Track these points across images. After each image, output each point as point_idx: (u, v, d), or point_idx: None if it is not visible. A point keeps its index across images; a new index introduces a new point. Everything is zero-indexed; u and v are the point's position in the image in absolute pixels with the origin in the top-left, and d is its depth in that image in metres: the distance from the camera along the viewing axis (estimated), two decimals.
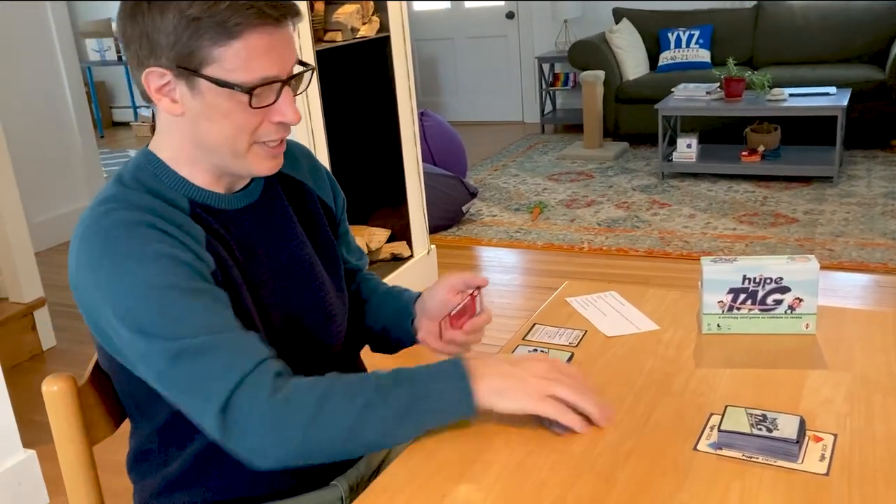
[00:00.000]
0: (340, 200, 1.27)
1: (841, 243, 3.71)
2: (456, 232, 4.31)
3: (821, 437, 0.99)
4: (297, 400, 0.92)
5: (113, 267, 0.94)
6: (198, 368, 0.91)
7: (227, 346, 0.92)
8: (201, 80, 0.95)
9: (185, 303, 0.93)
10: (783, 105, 4.60)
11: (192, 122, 1.00)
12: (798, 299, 1.24)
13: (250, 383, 0.92)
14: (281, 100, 0.99)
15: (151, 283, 0.93)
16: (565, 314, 1.40)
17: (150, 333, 0.92)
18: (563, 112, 6.79)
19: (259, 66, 0.95)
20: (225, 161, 1.03)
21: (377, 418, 0.94)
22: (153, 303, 0.92)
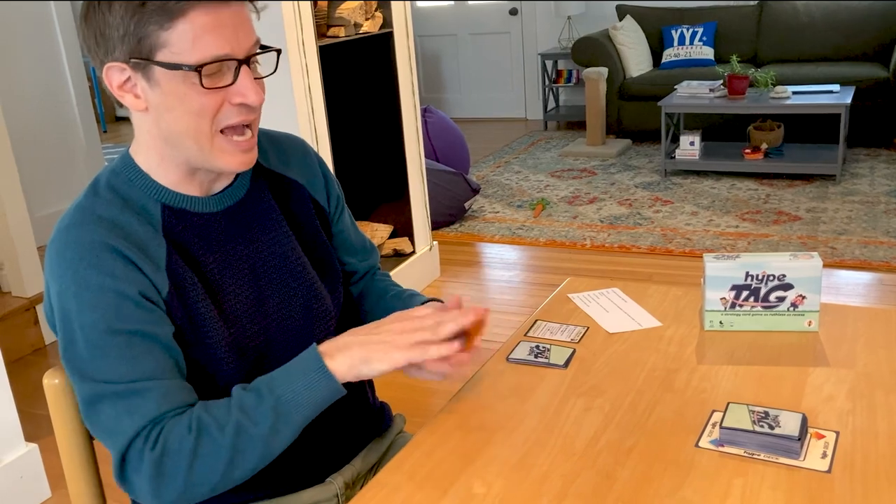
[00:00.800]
0: (334, 195, 1.24)
1: (844, 241, 3.70)
2: (458, 228, 4.30)
3: (823, 434, 0.99)
4: (172, 451, 0.93)
5: (60, 291, 0.97)
6: (105, 417, 0.95)
7: (132, 398, 0.94)
8: (155, 67, 0.95)
9: (114, 348, 0.95)
10: (786, 103, 4.59)
11: (156, 116, 0.99)
12: (801, 296, 1.24)
13: (143, 437, 0.94)
14: (239, 80, 0.97)
15: (86, 322, 0.95)
16: (567, 310, 1.40)
17: (77, 368, 0.96)
18: (566, 109, 6.78)
19: (206, 45, 0.94)
20: (192, 155, 1.01)
21: (252, 440, 0.94)
22: (84, 341, 0.95)
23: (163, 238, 1.01)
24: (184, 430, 0.94)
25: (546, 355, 1.23)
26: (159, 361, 0.97)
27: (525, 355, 1.24)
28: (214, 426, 0.94)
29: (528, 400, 1.11)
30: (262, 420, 0.94)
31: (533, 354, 1.24)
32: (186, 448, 0.93)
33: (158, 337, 0.97)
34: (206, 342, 1.02)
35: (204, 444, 0.93)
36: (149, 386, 0.95)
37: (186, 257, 1.03)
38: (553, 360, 1.22)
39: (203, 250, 1.05)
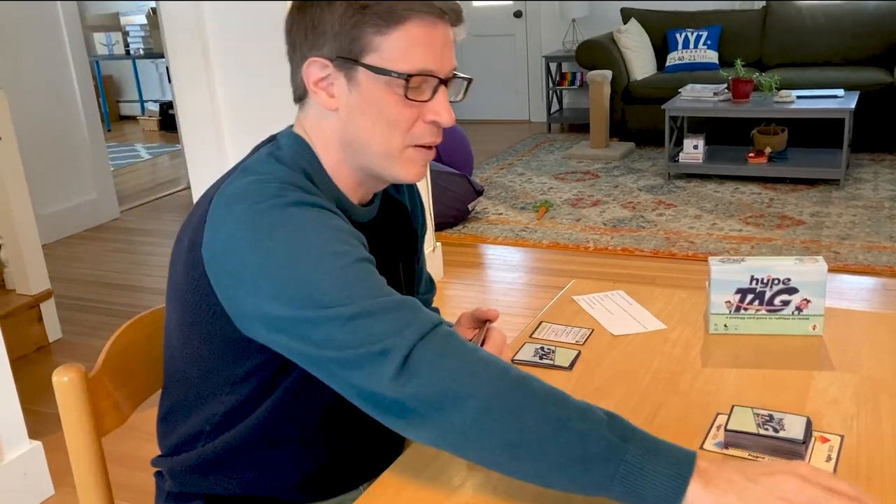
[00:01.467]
0: (424, 229, 1.27)
1: (847, 246, 3.71)
2: (461, 230, 4.31)
3: (827, 437, 0.99)
4: (490, 370, 0.84)
5: (292, 241, 0.90)
6: (374, 327, 0.86)
7: (404, 310, 0.88)
8: (360, 70, 0.95)
9: (368, 273, 0.91)
10: (791, 107, 4.59)
11: (346, 118, 0.99)
12: (806, 300, 1.25)
13: (435, 340, 0.85)
14: (436, 98, 0.98)
15: (331, 253, 0.90)
16: (572, 312, 1.40)
17: (318, 300, 0.87)
18: (570, 111, 6.79)
19: (418, 57, 0.95)
20: (374, 162, 1.00)
21: (564, 444, 0.80)
22: (329, 271, 0.89)
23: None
24: (507, 365, 0.85)
25: (551, 357, 1.24)
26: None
27: (530, 356, 1.24)
28: (543, 394, 0.83)
29: None
30: (594, 445, 0.80)
31: (538, 356, 1.24)
32: (507, 380, 0.82)
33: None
34: None
35: (523, 394, 0.83)
36: (409, 301, 0.89)
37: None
38: (558, 362, 1.22)
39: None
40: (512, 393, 0.83)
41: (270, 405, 1.03)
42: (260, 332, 0.92)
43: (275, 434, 1.05)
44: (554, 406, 0.83)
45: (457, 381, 0.83)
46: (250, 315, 0.92)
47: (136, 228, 4.82)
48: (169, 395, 1.12)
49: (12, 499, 2.20)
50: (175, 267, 1.02)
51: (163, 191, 5.61)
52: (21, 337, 3.18)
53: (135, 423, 1.16)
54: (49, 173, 4.47)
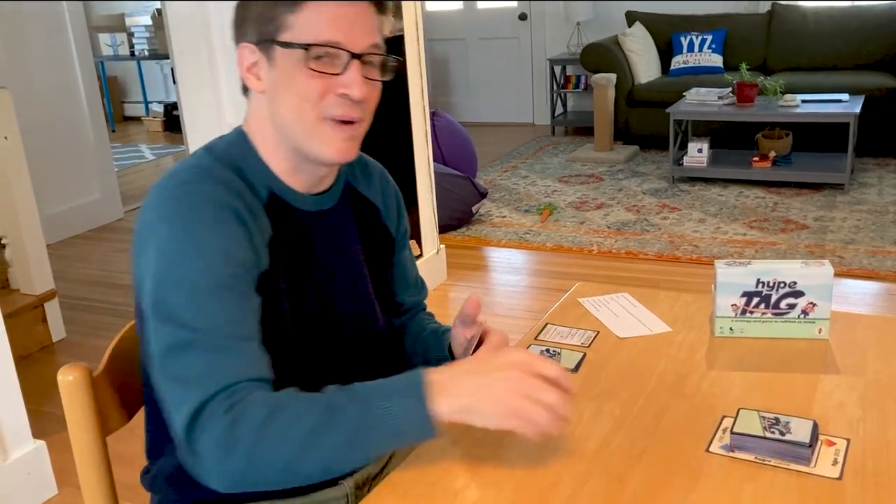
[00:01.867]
0: (403, 228, 1.28)
1: (851, 251, 3.70)
2: (465, 232, 4.31)
3: (833, 441, 0.99)
4: (245, 421, 0.89)
5: (168, 239, 0.96)
6: (189, 366, 0.92)
7: (224, 354, 0.93)
8: (276, 49, 1.00)
9: (217, 300, 0.94)
10: (795, 111, 4.59)
11: (271, 97, 1.03)
12: (812, 304, 1.24)
13: (222, 398, 0.91)
14: (347, 72, 1.00)
15: (193, 269, 0.94)
16: (577, 315, 1.40)
17: (168, 312, 0.93)
18: (574, 114, 6.78)
19: (322, 29, 0.98)
20: (296, 138, 1.03)
21: (324, 444, 0.89)
22: (186, 288, 0.94)
23: (267, 217, 1.04)
24: (261, 404, 0.90)
25: (556, 359, 1.24)
26: (253, 327, 0.97)
27: None
28: (292, 413, 0.90)
29: None
30: (341, 427, 0.89)
31: None
32: (253, 425, 0.89)
33: (253, 301, 0.98)
34: (272, 332, 1.02)
35: (274, 427, 0.89)
36: (243, 347, 0.95)
37: (281, 244, 1.05)
38: (564, 364, 1.22)
39: (294, 244, 1.07)
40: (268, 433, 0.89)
41: None
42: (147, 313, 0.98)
43: None
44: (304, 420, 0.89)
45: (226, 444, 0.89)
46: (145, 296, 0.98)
47: None
48: (143, 399, 1.14)
49: (16, 498, 2.20)
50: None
51: None
52: (25, 336, 3.18)
53: (140, 424, 1.16)
54: (53, 173, 4.47)
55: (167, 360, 0.93)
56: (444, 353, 1.21)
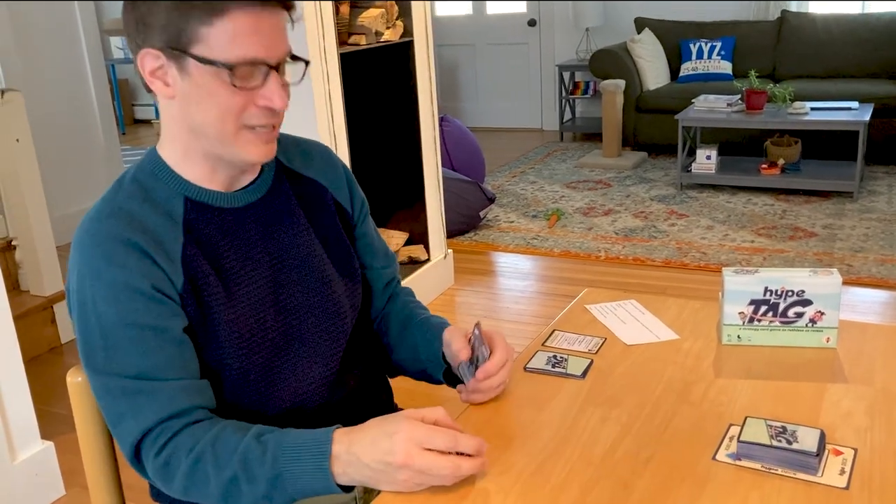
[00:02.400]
0: (358, 200, 1.26)
1: (860, 259, 3.69)
2: (473, 237, 4.31)
3: (841, 450, 0.99)
4: (172, 465, 0.97)
5: (78, 282, 1.00)
6: (114, 411, 0.99)
7: (143, 397, 0.98)
8: (189, 59, 0.98)
9: (125, 340, 0.98)
10: (804, 119, 4.58)
11: (183, 105, 1.02)
12: (820, 312, 1.24)
13: (151, 439, 0.98)
14: (267, 84, 1.00)
15: (100, 313, 0.98)
16: (585, 321, 1.40)
17: (91, 359, 1.00)
18: (583, 120, 6.78)
19: (243, 46, 0.97)
20: (215, 147, 1.03)
21: (244, 494, 0.95)
22: (99, 332, 0.98)
23: (181, 231, 1.04)
24: (185, 451, 0.97)
25: (563, 365, 1.24)
26: (171, 358, 0.99)
27: (542, 365, 1.24)
28: (213, 464, 0.96)
29: (544, 409, 1.12)
30: (258, 482, 0.95)
31: (550, 364, 1.24)
32: (182, 471, 0.97)
33: (170, 331, 1.00)
34: (217, 338, 1.03)
35: (199, 475, 0.96)
36: (156, 386, 0.98)
37: (205, 250, 1.05)
38: (570, 371, 1.22)
39: (223, 244, 1.07)
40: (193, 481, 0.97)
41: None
42: None
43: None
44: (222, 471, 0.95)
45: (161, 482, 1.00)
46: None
47: None
48: None
49: (23, 499, 2.21)
50: None
51: None
52: (34, 338, 3.20)
53: None
54: (64, 175, 4.50)
55: (100, 402, 1.01)
56: (437, 356, 1.20)
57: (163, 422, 0.97)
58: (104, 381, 0.99)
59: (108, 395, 0.99)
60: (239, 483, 0.95)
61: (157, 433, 0.97)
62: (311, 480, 0.94)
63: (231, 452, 0.96)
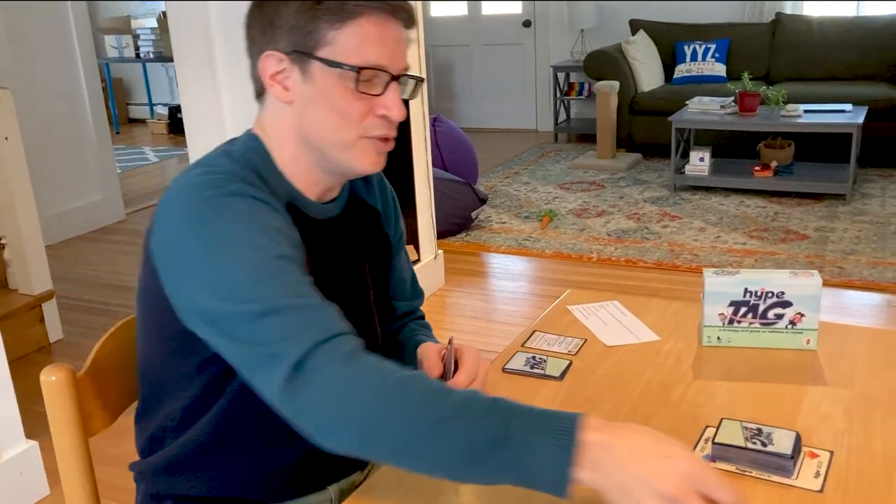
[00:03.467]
0: (399, 231, 1.27)
1: (852, 261, 3.69)
2: (464, 238, 4.30)
3: (817, 453, 0.98)
4: (370, 376, 0.84)
5: (220, 232, 0.92)
6: (279, 326, 0.87)
7: (312, 311, 0.89)
8: (314, 63, 0.98)
9: (285, 271, 0.91)
10: (798, 121, 4.57)
11: (301, 110, 1.01)
12: (799, 314, 1.24)
13: (329, 348, 0.86)
14: (387, 94, 1.00)
15: (253, 247, 0.91)
16: (566, 322, 1.40)
17: (234, 292, 0.89)
18: (577, 121, 6.78)
19: (369, 52, 0.97)
20: (329, 152, 1.02)
21: (445, 440, 0.81)
22: (249, 265, 0.90)
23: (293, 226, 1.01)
24: (388, 363, 0.86)
25: (542, 366, 1.23)
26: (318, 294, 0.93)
27: (521, 366, 1.23)
28: (424, 390, 0.83)
29: None
30: (476, 435, 0.80)
31: (529, 365, 1.23)
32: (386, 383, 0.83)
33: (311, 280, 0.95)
34: None
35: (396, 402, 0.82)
36: (324, 304, 0.90)
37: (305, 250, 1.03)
38: (549, 372, 1.21)
39: (310, 253, 1.05)
40: (392, 401, 0.83)
41: (226, 401, 1.03)
42: (198, 324, 0.93)
43: (234, 432, 1.05)
44: (435, 408, 0.82)
45: (340, 396, 0.83)
46: (188, 307, 0.94)
47: (142, 230, 4.82)
48: (140, 396, 1.13)
49: (7, 498, 2.20)
50: (140, 265, 1.05)
51: None
52: (22, 337, 3.18)
53: (128, 425, 1.16)
54: (55, 174, 4.49)
55: (251, 329, 0.87)
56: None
57: (342, 334, 0.88)
58: (261, 305, 0.87)
59: (270, 313, 0.87)
60: (449, 428, 0.80)
61: (339, 343, 0.86)
62: (545, 455, 0.78)
63: (445, 394, 0.83)
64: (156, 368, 1.07)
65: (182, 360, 1.02)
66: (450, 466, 0.81)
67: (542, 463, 0.78)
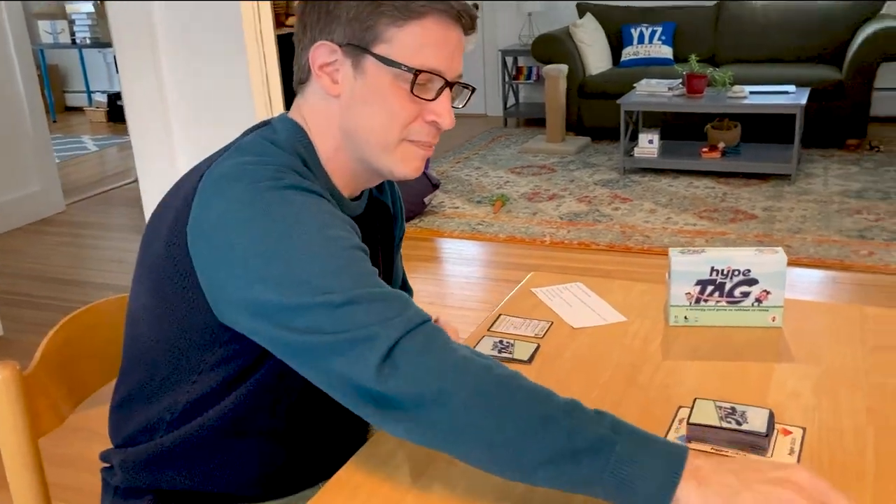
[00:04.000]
0: (400, 231, 1.25)
1: (798, 240, 3.76)
2: (418, 223, 4.27)
3: (790, 430, 0.98)
4: (473, 368, 0.82)
5: (288, 223, 0.88)
6: (363, 314, 0.83)
7: (395, 300, 0.86)
8: (368, 58, 0.94)
9: (359, 260, 0.89)
10: (743, 102, 4.64)
11: (348, 105, 0.97)
12: (765, 292, 1.24)
13: (421, 334, 0.84)
14: (440, 100, 0.97)
15: (323, 238, 0.88)
16: (531, 305, 1.38)
17: (310, 285, 0.85)
18: (526, 106, 6.78)
19: (429, 55, 0.94)
20: (370, 153, 0.99)
21: (540, 440, 0.78)
22: (323, 257, 0.87)
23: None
24: (488, 358, 0.84)
25: (510, 350, 1.21)
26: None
27: (489, 350, 1.21)
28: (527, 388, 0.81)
29: None
30: (581, 437, 0.78)
31: (497, 349, 1.21)
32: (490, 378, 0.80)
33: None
34: None
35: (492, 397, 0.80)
36: (400, 294, 0.88)
37: None
38: (517, 356, 1.19)
39: None
40: (495, 391, 0.81)
41: (238, 397, 0.99)
42: (241, 318, 0.89)
43: (238, 427, 1.01)
44: (539, 404, 0.81)
45: (440, 378, 0.81)
46: (233, 299, 0.88)
47: (83, 222, 4.68)
48: (127, 383, 1.06)
49: None
50: (151, 246, 0.98)
51: (110, 183, 5.47)
52: None
53: (80, 423, 1.11)
54: None
55: (337, 317, 0.83)
56: None
57: (426, 321, 0.85)
58: (342, 295, 0.83)
59: (354, 302, 0.83)
60: (551, 427, 0.78)
61: (428, 329, 0.84)
62: (650, 469, 0.76)
63: (550, 394, 0.82)
64: (165, 358, 1.00)
65: (200, 353, 0.97)
66: (546, 465, 0.79)
67: (646, 476, 0.76)
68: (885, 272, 3.38)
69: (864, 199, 4.28)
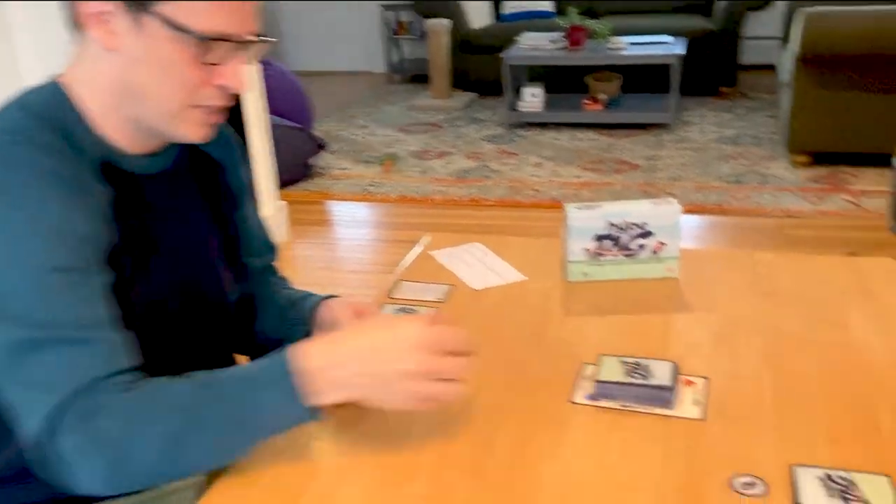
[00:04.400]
0: (246, 180, 1.14)
1: (679, 187, 3.87)
2: (305, 186, 4.16)
3: (693, 381, 0.99)
4: (102, 428, 0.79)
5: None
6: (40, 367, 0.79)
7: (85, 348, 0.80)
8: (153, 18, 0.83)
9: (62, 287, 0.80)
10: (623, 53, 4.72)
11: (126, 64, 0.87)
12: (661, 243, 1.24)
13: (85, 396, 0.79)
14: (231, 63, 0.89)
15: (26, 254, 0.80)
16: (431, 269, 1.34)
17: (12, 311, 0.79)
18: (411, 62, 6.69)
19: (222, 17, 0.85)
20: (152, 118, 0.90)
21: (191, 447, 0.81)
22: (21, 278, 0.79)
23: (105, 184, 0.89)
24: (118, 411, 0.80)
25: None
26: (107, 308, 0.83)
27: None
28: (150, 420, 0.80)
29: None
30: (208, 430, 0.81)
31: None
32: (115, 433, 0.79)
33: (104, 279, 0.85)
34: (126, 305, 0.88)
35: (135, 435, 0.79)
36: (98, 336, 0.81)
37: (123, 213, 0.91)
38: None
39: (135, 212, 0.93)
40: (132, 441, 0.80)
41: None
42: None
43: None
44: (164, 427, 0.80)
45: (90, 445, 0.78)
46: None
47: None
48: None
49: None
50: None
51: None
52: None
53: None
54: None
55: (11, 363, 0.79)
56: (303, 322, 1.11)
57: (102, 378, 0.80)
58: (28, 333, 0.79)
59: (34, 348, 0.78)
60: (184, 437, 0.80)
61: (88, 393, 0.79)
62: (278, 409, 0.82)
63: (172, 404, 0.82)
64: None
65: None
66: (208, 460, 0.84)
67: (281, 416, 0.83)
68: (762, 215, 3.53)
69: (738, 145, 4.44)
